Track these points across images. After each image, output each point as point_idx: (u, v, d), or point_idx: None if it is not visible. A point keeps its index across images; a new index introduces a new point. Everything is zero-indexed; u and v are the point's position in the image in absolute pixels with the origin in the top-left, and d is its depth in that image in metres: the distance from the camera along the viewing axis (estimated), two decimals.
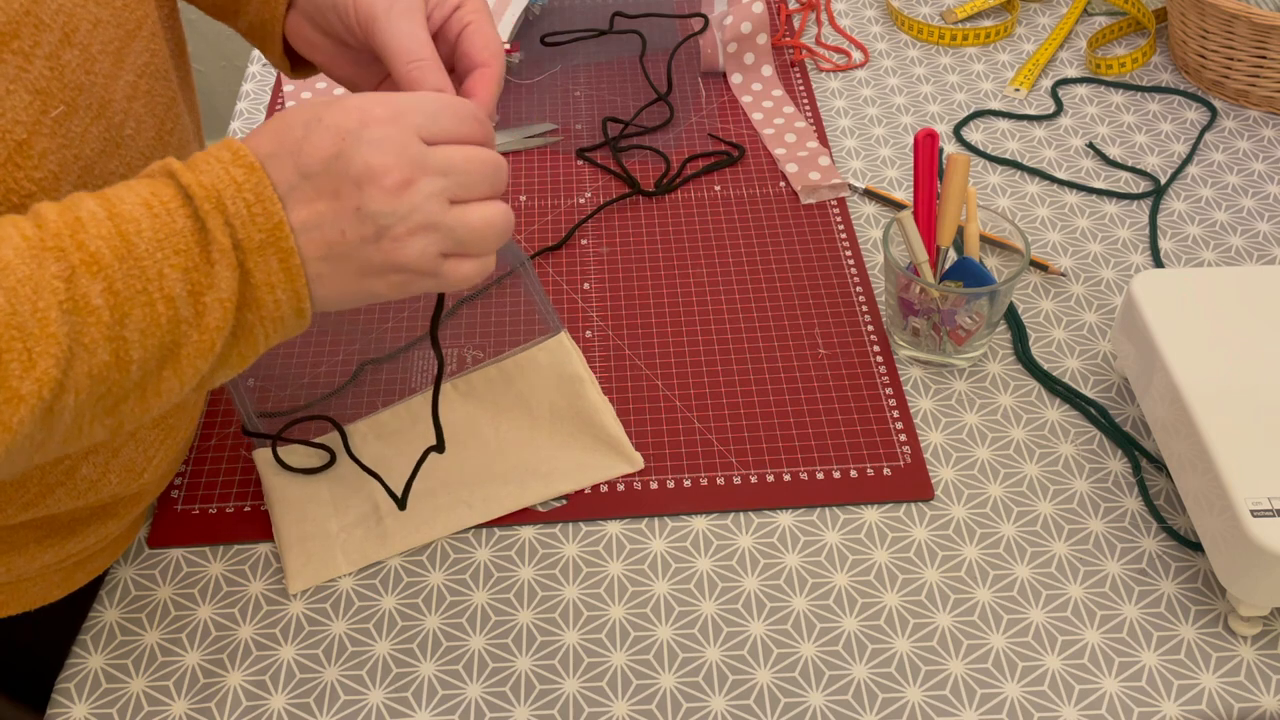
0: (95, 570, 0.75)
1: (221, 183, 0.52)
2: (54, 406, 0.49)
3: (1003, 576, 0.75)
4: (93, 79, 0.59)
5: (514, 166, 1.06)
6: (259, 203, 0.53)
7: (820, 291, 0.93)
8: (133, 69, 0.62)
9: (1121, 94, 1.12)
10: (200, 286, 0.52)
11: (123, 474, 0.70)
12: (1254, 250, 0.96)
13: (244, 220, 0.52)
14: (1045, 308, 0.92)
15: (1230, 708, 0.69)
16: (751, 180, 1.03)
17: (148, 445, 0.71)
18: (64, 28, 0.56)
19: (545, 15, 1.24)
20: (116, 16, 0.61)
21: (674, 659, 0.72)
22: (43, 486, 0.66)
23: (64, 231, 0.50)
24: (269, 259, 0.53)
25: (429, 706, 0.70)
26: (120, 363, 0.51)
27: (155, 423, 0.71)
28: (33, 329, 0.48)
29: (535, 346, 0.80)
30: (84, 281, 0.49)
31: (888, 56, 1.18)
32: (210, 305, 0.53)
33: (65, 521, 0.70)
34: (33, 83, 0.55)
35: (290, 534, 0.76)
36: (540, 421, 0.80)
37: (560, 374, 0.79)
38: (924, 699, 0.70)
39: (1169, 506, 0.79)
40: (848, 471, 0.80)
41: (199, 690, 0.70)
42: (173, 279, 0.51)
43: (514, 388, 0.81)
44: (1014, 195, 1.02)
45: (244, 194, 0.52)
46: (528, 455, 0.80)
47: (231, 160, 0.53)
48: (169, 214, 0.52)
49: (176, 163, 0.53)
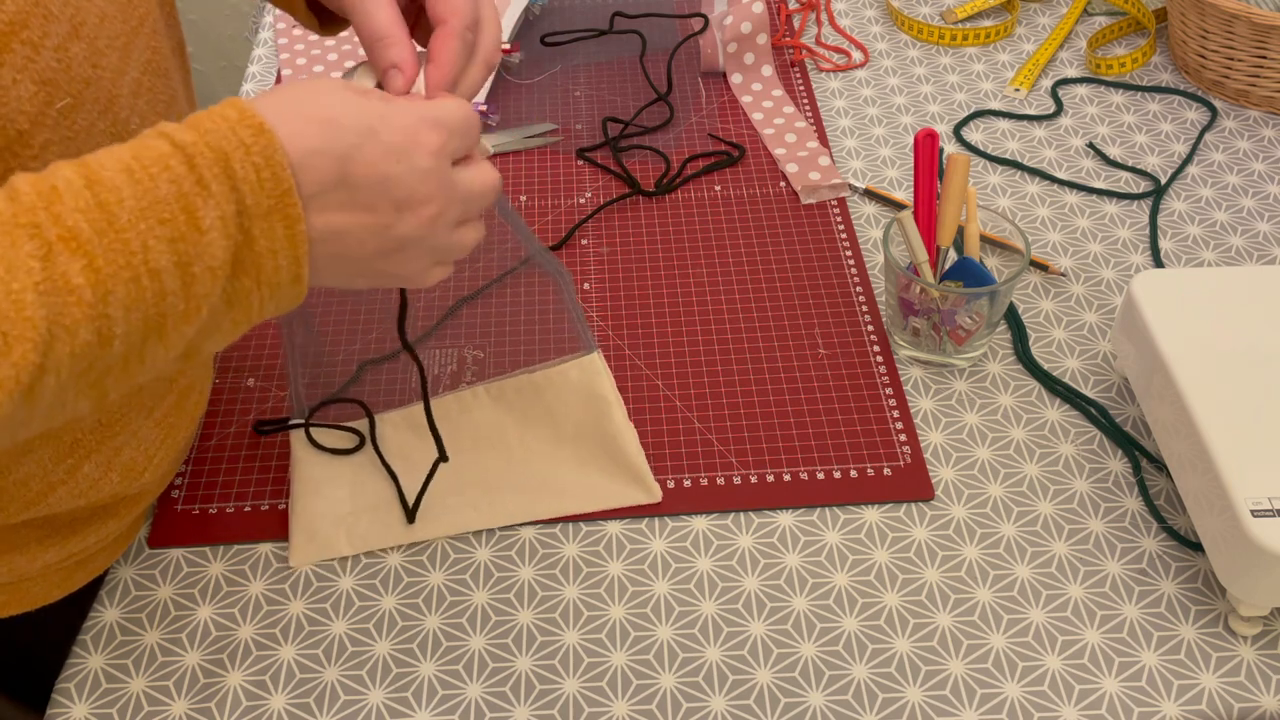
0: (95, 570, 0.75)
1: (229, 144, 0.50)
2: (34, 389, 0.47)
3: (1003, 576, 0.75)
4: (99, 73, 0.58)
5: (514, 166, 1.06)
6: (268, 167, 0.51)
7: (820, 291, 0.93)
8: (138, 65, 0.62)
9: (1121, 94, 1.12)
10: (188, 257, 0.50)
11: (124, 473, 0.70)
12: (1254, 250, 0.96)
13: (252, 185, 0.51)
14: (1045, 308, 0.92)
15: (1230, 708, 0.69)
16: (751, 180, 1.03)
17: (149, 445, 0.71)
18: (72, 20, 0.56)
19: (545, 15, 1.24)
20: (122, 11, 0.61)
21: (674, 659, 0.72)
22: (44, 485, 0.66)
23: (38, 205, 0.47)
24: (275, 225, 0.52)
25: (429, 706, 0.70)
26: (103, 339, 0.49)
27: (156, 422, 0.71)
28: (8, 313, 0.46)
29: (567, 363, 0.80)
30: (62, 260, 0.47)
31: (888, 56, 1.18)
32: (199, 275, 0.50)
33: (66, 521, 0.70)
34: (40, 74, 0.54)
35: (303, 509, 0.77)
36: (565, 437, 0.80)
37: (589, 393, 0.80)
38: (924, 699, 0.70)
39: (1169, 506, 0.79)
40: (848, 471, 0.80)
41: (199, 690, 0.70)
42: (158, 251, 0.49)
43: (543, 400, 0.81)
44: (1014, 195, 1.02)
45: (253, 157, 0.51)
46: (547, 469, 0.80)
47: (239, 120, 0.51)
48: (152, 179, 0.49)
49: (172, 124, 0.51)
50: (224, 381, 0.87)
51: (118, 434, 0.68)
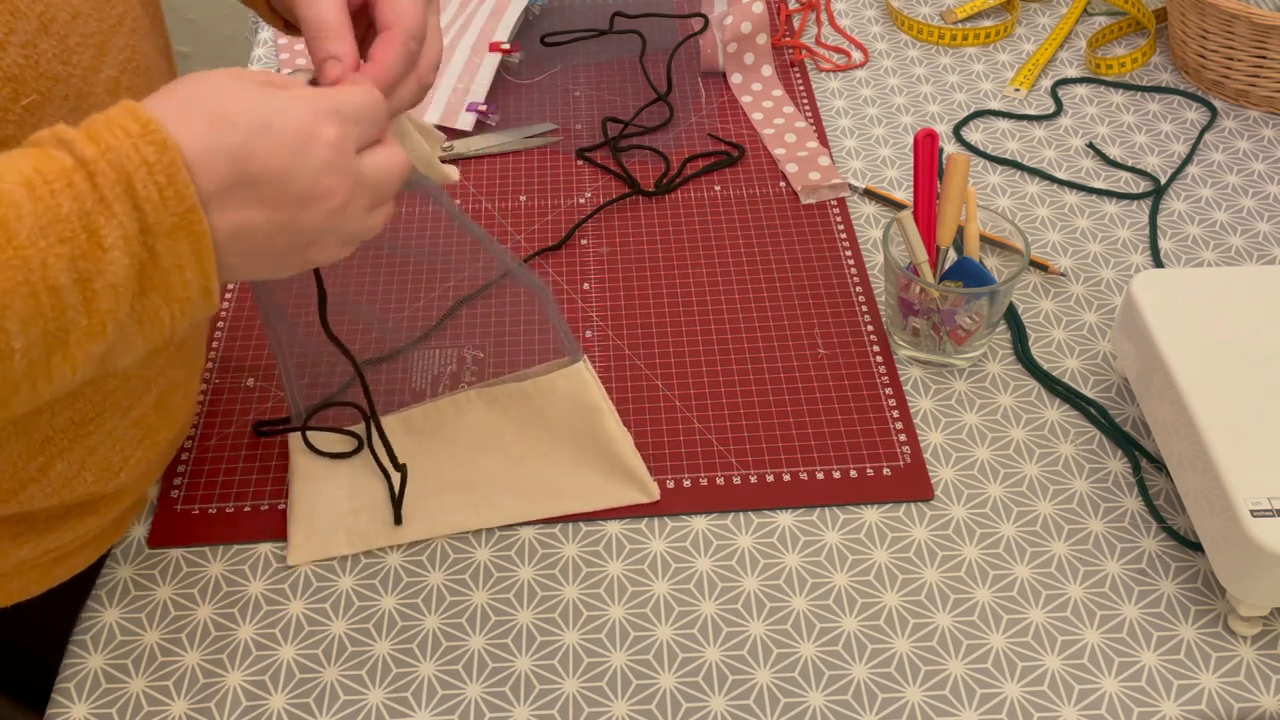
0: (76, 566, 0.74)
1: (131, 163, 0.49)
2: None
3: (1002, 576, 0.75)
4: (70, 70, 0.58)
5: (514, 166, 1.06)
6: (171, 185, 0.50)
7: (820, 291, 0.93)
8: (115, 63, 0.62)
9: (1121, 94, 1.12)
10: (88, 274, 0.49)
11: (98, 473, 0.69)
12: (1254, 250, 0.96)
13: (155, 204, 0.50)
14: (1045, 308, 0.92)
15: (1230, 708, 0.69)
16: (751, 180, 1.03)
17: (124, 445, 0.70)
18: (41, 17, 0.56)
19: (545, 15, 1.24)
20: (97, 9, 0.60)
21: (674, 659, 0.72)
22: (14, 483, 0.65)
23: None
24: (179, 241, 0.51)
25: (429, 706, 0.70)
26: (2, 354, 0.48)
27: (133, 422, 0.70)
28: None
29: (554, 372, 0.80)
30: None
31: (888, 56, 1.18)
32: (100, 291, 0.50)
33: (41, 518, 0.70)
34: (5, 70, 0.54)
35: (301, 508, 0.77)
36: (561, 440, 0.80)
37: (579, 402, 0.79)
38: (924, 699, 0.70)
39: (1169, 506, 0.79)
40: (848, 471, 0.80)
41: (199, 690, 0.70)
42: (57, 269, 0.48)
43: (534, 406, 0.81)
44: (1014, 195, 1.02)
45: (155, 176, 0.49)
46: (544, 470, 0.80)
47: (141, 134, 0.50)
48: (53, 195, 0.48)
49: (71, 131, 0.50)
50: (224, 381, 0.87)
51: (91, 433, 0.68)
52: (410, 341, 0.89)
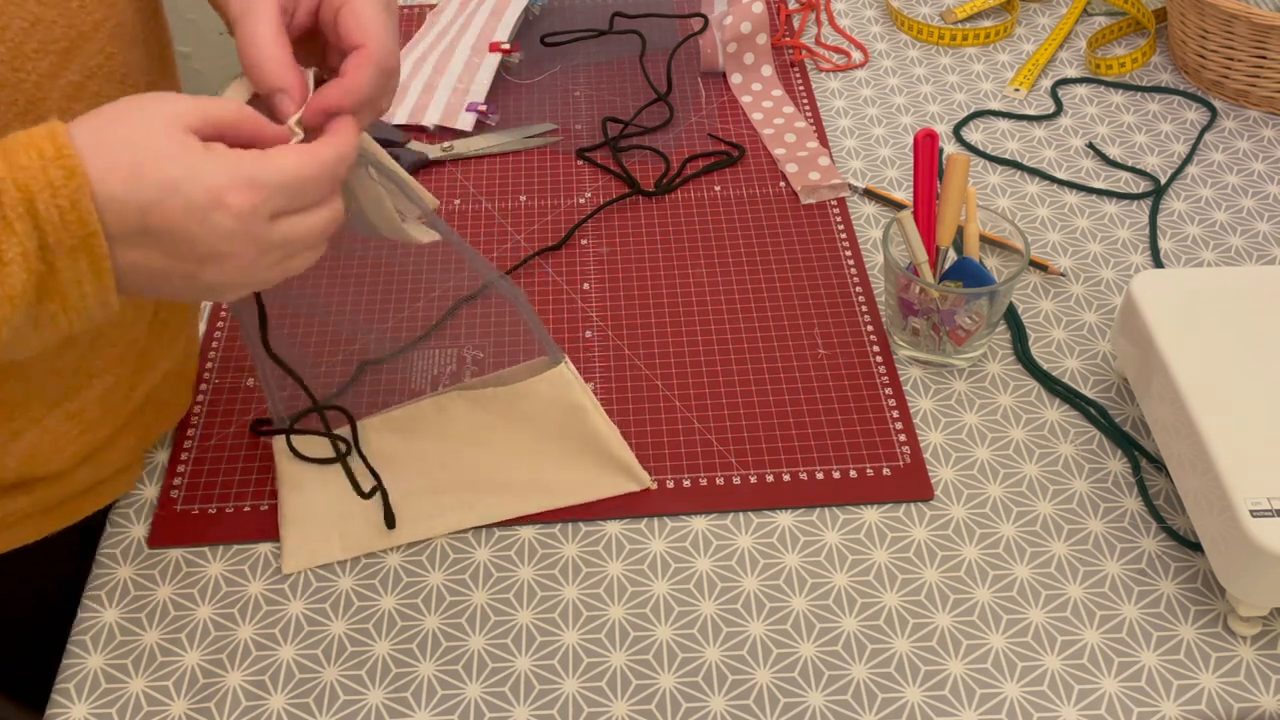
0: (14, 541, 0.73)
1: (37, 184, 0.50)
2: None
3: (1002, 576, 0.75)
4: (21, 76, 0.59)
5: (514, 166, 1.06)
6: (73, 210, 0.51)
7: (820, 291, 0.93)
8: (81, 70, 0.62)
9: (1121, 94, 1.12)
10: None
11: (25, 459, 0.69)
12: (1254, 250, 0.96)
13: (55, 225, 0.51)
14: (1045, 308, 0.92)
15: (1230, 708, 0.69)
16: (751, 180, 1.03)
17: (57, 437, 0.71)
18: None
19: (545, 15, 1.24)
20: (63, 17, 0.61)
21: (673, 659, 0.72)
22: None
23: None
24: (79, 260, 0.52)
25: (428, 706, 0.70)
26: None
27: (69, 415, 0.71)
28: None
29: (536, 376, 0.80)
30: None
31: (887, 56, 1.18)
32: None
33: None
34: None
35: (292, 515, 0.77)
36: (549, 439, 0.80)
37: (564, 404, 0.79)
38: (923, 699, 0.70)
39: (1169, 506, 0.79)
40: (847, 471, 0.80)
41: (199, 690, 0.70)
42: None
43: (519, 408, 0.81)
44: (1014, 195, 1.02)
45: (59, 200, 0.50)
46: (536, 466, 0.80)
47: (55, 158, 0.51)
48: None
49: None
50: (224, 381, 0.87)
51: (14, 418, 0.68)
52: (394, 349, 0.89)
